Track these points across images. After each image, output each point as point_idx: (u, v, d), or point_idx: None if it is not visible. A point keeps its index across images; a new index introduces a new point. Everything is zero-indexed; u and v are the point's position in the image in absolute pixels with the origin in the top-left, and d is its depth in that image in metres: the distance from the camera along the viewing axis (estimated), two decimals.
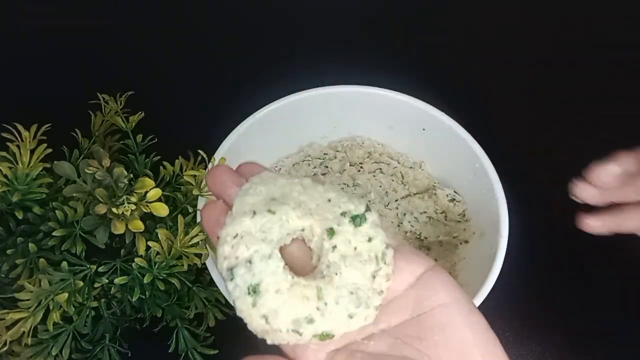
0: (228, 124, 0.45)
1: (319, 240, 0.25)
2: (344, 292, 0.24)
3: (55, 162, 0.35)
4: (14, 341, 0.34)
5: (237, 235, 0.24)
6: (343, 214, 0.25)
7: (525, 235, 0.45)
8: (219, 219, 0.26)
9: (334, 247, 0.24)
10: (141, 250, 0.35)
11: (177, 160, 0.43)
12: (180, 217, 0.36)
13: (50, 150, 0.38)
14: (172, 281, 0.36)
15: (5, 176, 0.36)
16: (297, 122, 0.50)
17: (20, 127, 0.37)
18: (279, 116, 0.47)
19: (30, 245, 0.36)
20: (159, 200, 0.34)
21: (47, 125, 0.38)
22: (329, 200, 0.26)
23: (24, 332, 0.34)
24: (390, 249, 0.25)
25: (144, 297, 0.37)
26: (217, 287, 0.38)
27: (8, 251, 0.37)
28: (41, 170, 0.37)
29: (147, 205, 0.34)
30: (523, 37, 0.66)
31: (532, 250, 0.49)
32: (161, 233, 0.35)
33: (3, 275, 0.37)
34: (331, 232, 0.25)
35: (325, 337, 0.24)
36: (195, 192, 0.38)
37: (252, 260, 0.24)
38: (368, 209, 0.26)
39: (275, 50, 0.65)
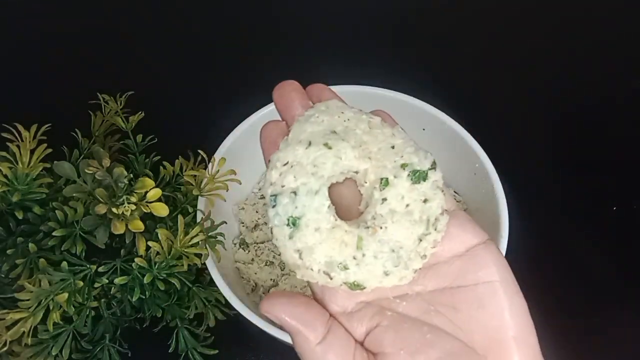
0: (228, 124, 0.45)
1: (370, 187, 0.23)
2: (385, 248, 0.22)
3: (55, 162, 0.35)
4: (14, 341, 0.34)
5: (287, 163, 0.23)
6: (403, 165, 0.23)
7: (525, 235, 0.45)
8: (276, 140, 0.25)
9: (384, 199, 0.23)
10: (141, 250, 0.35)
11: (177, 160, 0.43)
12: (180, 217, 0.36)
13: (50, 150, 0.38)
14: (172, 281, 0.36)
15: (5, 176, 0.36)
16: None
17: (20, 127, 0.37)
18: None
19: (30, 245, 0.36)
20: (159, 200, 0.34)
21: (47, 125, 0.38)
22: (393, 147, 0.24)
23: (24, 332, 0.33)
24: (446, 216, 0.23)
25: (144, 297, 0.37)
26: (217, 287, 0.38)
27: (8, 251, 0.37)
28: (41, 170, 0.37)
29: (147, 205, 0.34)
30: (523, 37, 0.66)
31: (532, 250, 0.49)
32: (161, 233, 0.35)
33: (3, 275, 0.37)
34: (385, 182, 0.23)
35: (355, 287, 0.23)
36: (195, 192, 0.38)
37: (297, 192, 0.22)
38: (433, 166, 0.23)
39: (275, 50, 0.65)
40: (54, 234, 0.35)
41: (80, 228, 0.36)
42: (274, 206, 0.23)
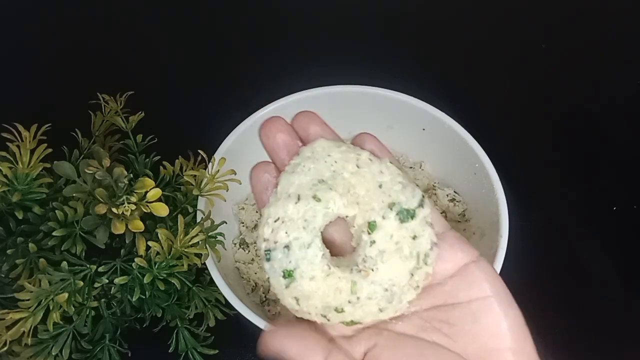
0: (228, 124, 0.45)
1: (358, 230, 0.24)
2: (379, 288, 0.23)
3: (55, 162, 0.35)
4: (14, 341, 0.34)
5: (278, 219, 0.23)
6: (391, 205, 0.23)
7: (525, 235, 0.45)
8: (267, 185, 0.25)
9: (373, 241, 0.23)
10: (141, 250, 0.35)
11: (177, 160, 0.43)
12: (180, 217, 0.36)
13: (50, 150, 0.38)
14: (172, 281, 0.36)
15: (5, 176, 0.36)
16: None
17: (20, 127, 0.37)
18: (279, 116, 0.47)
19: (30, 245, 0.36)
20: (159, 200, 0.34)
21: (47, 125, 0.38)
22: (380, 186, 0.24)
23: (24, 332, 0.33)
24: (435, 249, 0.23)
25: (144, 297, 0.37)
26: (217, 287, 0.38)
27: (8, 251, 0.37)
28: (41, 170, 0.37)
29: (147, 205, 0.34)
30: (524, 36, 0.66)
31: (532, 250, 0.49)
32: (161, 233, 0.35)
33: (3, 275, 0.37)
34: (373, 226, 0.23)
35: (352, 324, 0.23)
36: (195, 192, 0.38)
37: (290, 247, 0.23)
38: (421, 204, 0.24)
39: (275, 50, 0.65)
40: (54, 234, 0.35)
41: (80, 228, 0.36)
42: (268, 260, 0.23)
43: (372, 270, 0.23)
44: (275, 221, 0.24)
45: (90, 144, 0.43)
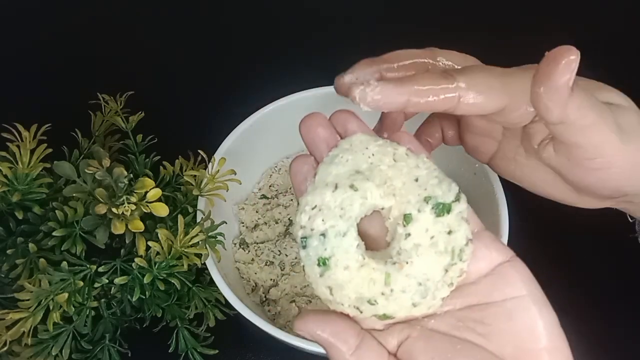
0: (228, 124, 0.45)
1: (394, 222, 0.24)
2: (413, 282, 0.23)
3: (55, 162, 0.35)
4: (14, 341, 0.34)
5: (315, 206, 0.24)
6: (427, 199, 0.23)
7: (525, 235, 0.45)
8: (307, 175, 0.26)
9: (408, 234, 0.23)
10: (141, 250, 0.35)
11: (177, 160, 0.43)
12: (180, 217, 0.36)
13: (50, 150, 0.38)
14: (172, 281, 0.36)
15: (5, 176, 0.36)
16: (298, 122, 0.49)
17: (20, 127, 0.37)
18: (279, 116, 0.47)
19: (30, 245, 0.36)
20: (159, 200, 0.34)
21: (47, 125, 0.38)
22: (417, 180, 0.24)
23: (24, 332, 0.34)
24: (470, 245, 0.24)
25: (144, 297, 0.37)
26: (217, 287, 0.38)
27: (8, 251, 0.37)
28: (41, 170, 0.37)
29: (147, 205, 0.34)
30: (523, 36, 0.66)
31: (532, 250, 0.49)
32: (161, 233, 0.35)
33: (3, 275, 0.37)
34: (408, 218, 0.23)
35: (385, 318, 0.23)
36: (195, 192, 0.38)
37: (326, 234, 0.23)
38: (457, 198, 0.24)
39: (275, 50, 0.65)
40: (54, 234, 0.35)
41: (80, 228, 0.36)
42: (304, 247, 0.23)
43: (407, 263, 0.23)
44: (312, 209, 0.24)
45: (90, 144, 0.43)
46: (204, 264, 0.38)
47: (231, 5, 0.70)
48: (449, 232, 0.23)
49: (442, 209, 0.23)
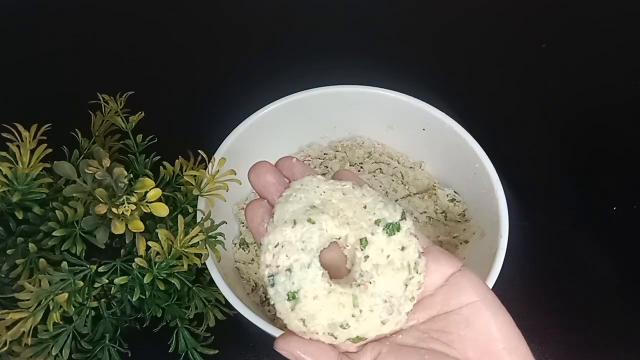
0: (228, 124, 0.45)
1: (352, 248, 0.26)
2: (378, 300, 0.24)
3: (55, 162, 0.35)
4: (14, 341, 0.34)
5: (278, 244, 0.25)
6: (377, 222, 0.26)
7: (525, 235, 0.45)
8: (263, 217, 0.27)
9: (367, 256, 0.25)
10: (141, 250, 0.35)
11: (177, 160, 0.43)
12: (180, 217, 0.36)
13: (50, 150, 0.38)
14: (172, 281, 0.36)
15: (5, 176, 0.36)
16: (297, 122, 0.50)
17: (20, 127, 0.37)
18: (279, 116, 0.47)
19: (30, 245, 0.36)
20: (159, 200, 0.34)
21: (47, 125, 0.38)
22: (365, 207, 0.26)
23: (24, 332, 0.33)
24: (423, 258, 0.26)
25: (144, 297, 0.37)
26: (217, 287, 0.38)
27: (8, 251, 0.37)
28: (41, 170, 0.37)
29: (147, 205, 0.34)
30: (524, 36, 0.66)
31: (532, 250, 0.49)
32: (161, 233, 0.35)
33: (3, 275, 0.37)
34: (364, 242, 0.25)
35: (358, 340, 0.25)
36: (195, 192, 0.38)
37: (292, 269, 0.25)
38: (403, 216, 0.26)
39: (275, 50, 0.65)
40: (54, 234, 0.35)
41: (80, 228, 0.36)
42: (272, 285, 0.25)
43: (370, 283, 0.25)
44: (275, 247, 0.25)
45: (90, 144, 0.43)
46: (204, 264, 0.38)
47: (231, 5, 0.70)
48: (402, 249, 0.25)
49: (392, 228, 0.25)
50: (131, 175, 0.34)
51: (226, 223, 0.39)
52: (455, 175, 0.48)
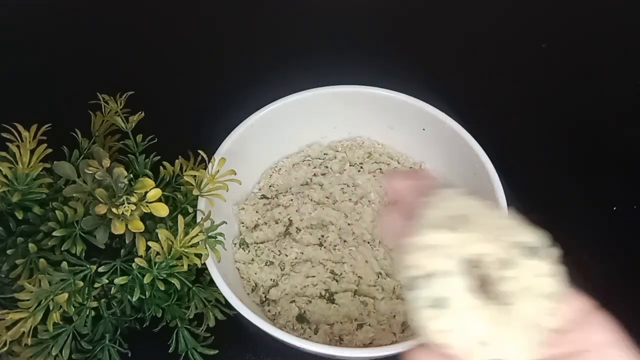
0: (228, 124, 0.45)
1: (493, 268, 0.25)
2: (517, 325, 0.23)
3: (55, 162, 0.35)
4: (14, 341, 0.34)
5: (425, 246, 0.24)
6: (520, 244, 0.25)
7: None
8: (398, 225, 0.27)
9: (506, 278, 0.24)
10: (141, 251, 0.35)
11: (177, 160, 0.43)
12: (180, 217, 0.36)
13: (50, 150, 0.38)
14: (172, 281, 0.36)
15: (5, 176, 0.36)
16: (297, 122, 0.50)
17: (20, 127, 0.37)
18: (278, 116, 0.47)
19: (30, 245, 0.36)
20: (159, 200, 0.34)
21: (47, 125, 0.38)
22: (508, 227, 0.26)
23: (24, 332, 0.33)
24: (561, 288, 0.25)
25: (144, 297, 0.37)
26: (217, 287, 0.38)
27: (8, 251, 0.37)
28: (41, 171, 0.37)
29: (147, 206, 0.34)
30: (524, 36, 0.66)
31: None
32: (161, 233, 0.35)
33: (3, 275, 0.37)
34: (506, 263, 0.24)
35: None
36: (195, 192, 0.38)
37: (437, 275, 0.23)
38: (549, 244, 0.25)
39: (275, 50, 0.65)
40: (54, 234, 0.35)
41: (80, 228, 0.36)
42: (415, 289, 0.23)
43: (511, 306, 0.23)
44: (422, 249, 0.24)
45: (90, 144, 0.43)
46: (204, 264, 0.38)
47: (231, 5, 0.70)
48: (543, 276, 0.25)
49: (534, 253, 0.25)
50: (131, 176, 0.34)
51: (226, 223, 0.39)
52: (455, 175, 0.48)
